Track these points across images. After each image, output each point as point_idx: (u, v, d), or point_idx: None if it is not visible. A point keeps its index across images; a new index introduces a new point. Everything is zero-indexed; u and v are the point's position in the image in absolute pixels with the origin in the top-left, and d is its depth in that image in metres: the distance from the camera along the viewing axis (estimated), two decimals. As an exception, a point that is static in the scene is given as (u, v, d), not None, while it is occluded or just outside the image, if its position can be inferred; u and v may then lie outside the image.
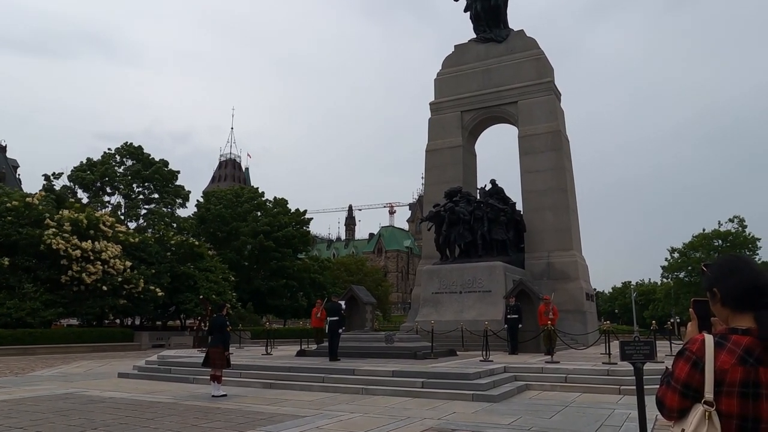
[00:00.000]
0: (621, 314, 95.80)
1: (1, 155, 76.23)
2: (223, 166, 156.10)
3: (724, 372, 1.89)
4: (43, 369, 19.62)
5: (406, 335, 19.81)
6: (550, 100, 27.62)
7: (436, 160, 29.45)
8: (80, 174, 47.01)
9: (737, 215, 63.06)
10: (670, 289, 68.53)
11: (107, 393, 12.82)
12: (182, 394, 12.73)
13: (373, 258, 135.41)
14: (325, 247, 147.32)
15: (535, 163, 27.11)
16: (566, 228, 26.25)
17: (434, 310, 22.28)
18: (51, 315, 31.48)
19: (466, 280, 22.49)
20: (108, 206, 47.64)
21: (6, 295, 30.47)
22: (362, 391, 12.47)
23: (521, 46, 28.96)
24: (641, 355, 8.32)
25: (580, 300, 24.79)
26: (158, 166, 49.41)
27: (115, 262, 33.85)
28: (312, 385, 13.28)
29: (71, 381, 15.60)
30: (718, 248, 62.05)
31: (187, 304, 39.11)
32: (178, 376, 15.59)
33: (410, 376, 12.83)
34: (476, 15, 30.36)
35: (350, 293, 24.56)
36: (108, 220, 36.61)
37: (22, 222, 32.47)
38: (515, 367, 14.20)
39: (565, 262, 25.62)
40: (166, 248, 41.05)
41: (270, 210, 54.91)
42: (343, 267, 75.82)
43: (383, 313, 76.57)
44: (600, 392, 12.24)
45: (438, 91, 30.33)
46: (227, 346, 12.80)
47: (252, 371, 14.94)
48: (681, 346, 2.05)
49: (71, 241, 32.28)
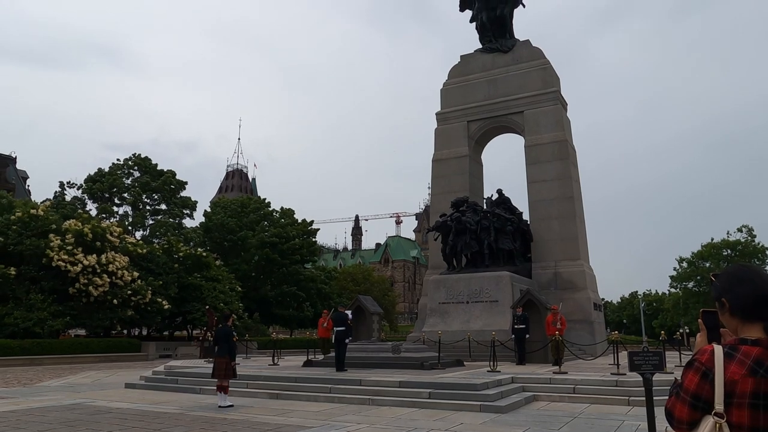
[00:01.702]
0: (629, 324, 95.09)
1: (11, 167, 76.81)
2: (230, 177, 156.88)
3: (734, 383, 1.88)
4: (51, 379, 19.66)
5: (413, 345, 19.74)
6: (557, 110, 27.63)
7: (443, 169, 29.46)
8: (91, 185, 47.40)
9: (746, 225, 62.68)
10: (679, 299, 68.01)
11: (114, 403, 12.82)
12: (189, 404, 12.72)
13: (379, 268, 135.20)
14: (331, 257, 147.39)
15: (541, 173, 27.07)
16: (573, 237, 26.17)
17: (441, 320, 22.20)
18: (58, 325, 31.58)
19: (473, 290, 22.41)
20: (116, 216, 47.89)
21: (13, 306, 30.61)
22: (369, 401, 12.42)
23: (527, 56, 29.02)
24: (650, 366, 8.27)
25: (587, 310, 24.64)
26: (167, 176, 49.74)
27: (122, 273, 33.94)
28: (319, 395, 13.24)
29: (78, 391, 15.62)
30: (728, 258, 61.59)
31: (194, 314, 39.17)
32: (185, 386, 15.58)
33: (417, 387, 12.78)
34: (482, 25, 30.48)
35: (357, 303, 24.53)
36: (116, 230, 36.75)
37: (27, 233, 32.64)
38: (523, 378, 14.12)
39: (572, 271, 25.51)
40: (174, 259, 41.19)
41: (277, 220, 55.06)
42: (349, 277, 75.80)
43: (390, 324, 76.38)
44: (609, 403, 12.15)
45: (444, 101, 30.40)
46: (233, 356, 12.78)
47: (258, 381, 14.91)
48: (690, 357, 2.03)
49: (75, 254, 32.35)
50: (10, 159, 77.11)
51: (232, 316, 14.18)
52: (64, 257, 31.95)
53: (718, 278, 2.12)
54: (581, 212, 27.99)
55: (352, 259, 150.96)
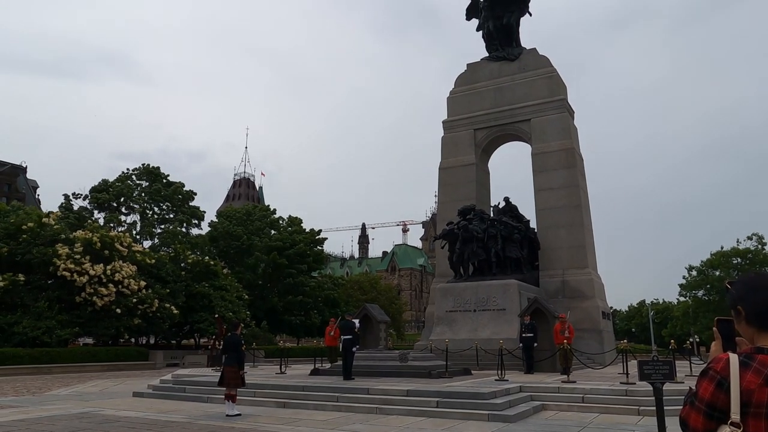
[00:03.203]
0: (638, 333, 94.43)
1: (21, 177, 77.42)
2: (237, 185, 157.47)
3: (750, 392, 1.86)
4: (59, 388, 19.70)
5: (420, 354, 19.66)
6: (563, 118, 27.61)
7: (450, 178, 29.46)
8: (96, 195, 47.64)
9: (756, 233, 62.25)
10: (689, 307, 67.53)
11: (122, 412, 12.83)
12: (196, 413, 12.71)
13: (386, 276, 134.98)
14: (338, 266, 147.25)
15: (548, 181, 27.02)
16: (581, 245, 26.07)
17: (448, 329, 22.12)
18: (66, 335, 31.68)
19: (480, 298, 22.34)
20: (124, 225, 48.10)
21: (21, 314, 30.75)
22: (376, 410, 12.37)
23: (534, 64, 29.05)
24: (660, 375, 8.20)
25: (596, 318, 24.50)
26: (177, 186, 50.02)
27: (129, 282, 34.03)
28: (326, 404, 13.20)
29: (87, 400, 15.64)
30: (738, 266, 61.15)
31: (201, 323, 39.19)
32: (193, 395, 15.58)
33: (425, 396, 12.72)
34: (488, 34, 30.56)
35: (364, 312, 24.49)
36: (125, 240, 36.91)
37: (37, 242, 32.83)
38: (531, 387, 14.03)
39: (580, 280, 25.39)
40: (181, 267, 41.26)
41: (284, 229, 55.26)
42: (356, 285, 75.65)
43: (397, 332, 76.14)
44: (618, 413, 12.04)
45: (451, 110, 30.44)
46: (242, 365, 12.78)
47: (266, 390, 14.89)
48: (704, 366, 2.01)
49: (83, 264, 32.50)
50: (20, 169, 77.75)
51: (240, 324, 14.19)
52: (71, 266, 32.09)
53: (733, 286, 2.10)
54: (589, 220, 27.89)
55: (359, 267, 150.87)
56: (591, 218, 28.53)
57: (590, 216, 28.42)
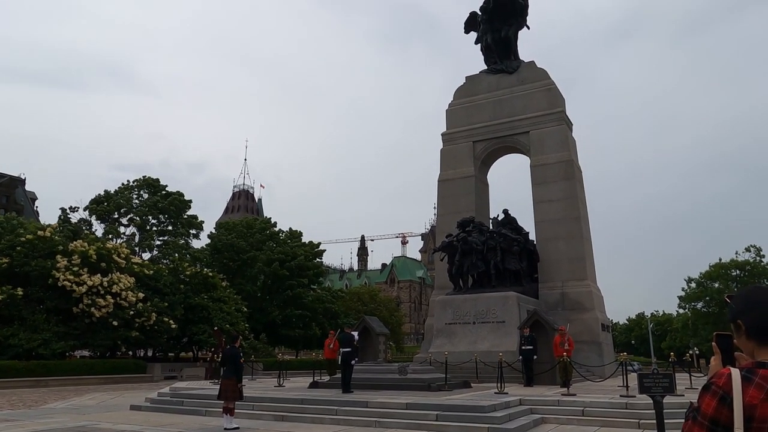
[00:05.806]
0: (637, 345, 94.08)
1: (20, 188, 77.46)
2: (237, 197, 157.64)
3: (753, 407, 1.84)
4: (56, 401, 19.57)
5: (419, 366, 19.56)
6: (562, 130, 27.71)
7: (449, 190, 29.50)
8: (94, 207, 47.65)
9: (754, 245, 62.26)
10: (688, 319, 67.36)
11: (119, 426, 12.74)
12: (194, 426, 12.62)
13: (385, 288, 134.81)
14: (337, 278, 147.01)
15: (547, 193, 27.06)
16: (580, 257, 26.05)
17: (448, 341, 22.05)
18: (62, 348, 31.50)
19: (479, 310, 22.29)
20: (122, 237, 48.05)
21: (18, 326, 30.61)
22: (375, 423, 12.29)
23: (532, 77, 29.20)
24: (660, 388, 8.15)
25: (595, 331, 24.43)
26: (174, 197, 50.04)
27: (127, 294, 33.91)
28: (324, 417, 13.12)
29: (84, 413, 15.53)
30: (736, 278, 61.10)
31: (200, 335, 39.02)
32: (190, 408, 15.49)
33: (424, 409, 12.65)
34: (487, 47, 30.73)
35: (363, 324, 24.42)
36: (123, 252, 36.83)
37: (35, 254, 32.77)
38: (531, 400, 13.96)
39: (579, 292, 25.34)
40: (180, 279, 41.15)
41: (284, 242, 55.28)
42: (356, 297, 75.53)
43: (396, 344, 75.91)
44: (618, 426, 11.98)
45: (450, 122, 30.54)
46: (240, 377, 12.72)
47: (264, 403, 14.80)
48: (706, 380, 2.00)
49: (81, 275, 32.44)
50: (19, 180, 77.82)
51: (239, 337, 14.14)
52: (70, 277, 32.03)
53: (733, 300, 2.09)
54: (588, 232, 27.89)
55: (358, 279, 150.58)
56: (590, 230, 28.54)
57: (589, 228, 28.43)
